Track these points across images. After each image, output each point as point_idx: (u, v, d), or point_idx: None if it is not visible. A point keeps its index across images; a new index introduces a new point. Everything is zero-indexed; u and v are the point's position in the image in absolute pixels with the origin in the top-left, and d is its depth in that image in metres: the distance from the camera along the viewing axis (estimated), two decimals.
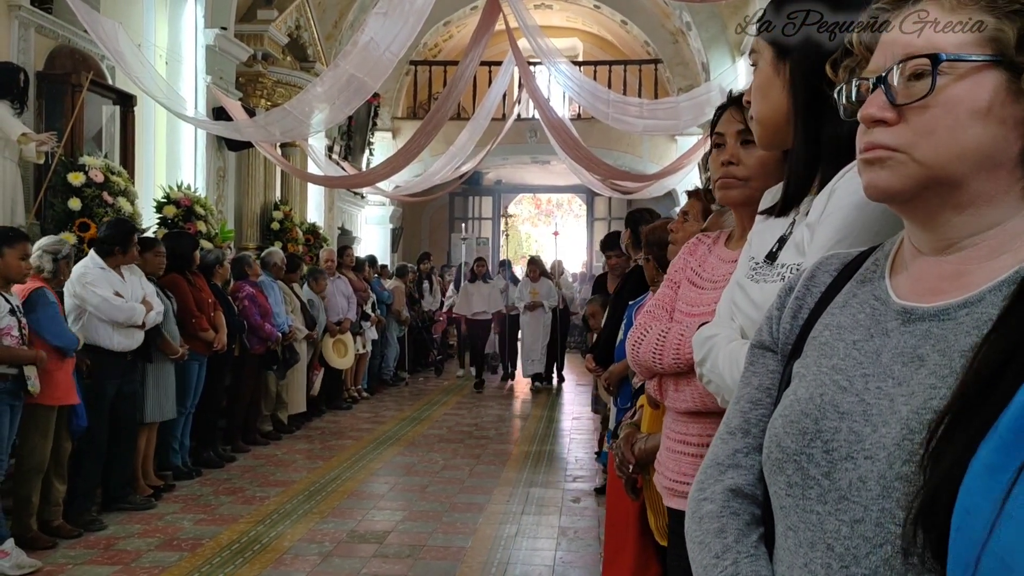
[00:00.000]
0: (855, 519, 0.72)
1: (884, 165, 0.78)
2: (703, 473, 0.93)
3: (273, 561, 4.02)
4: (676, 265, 1.79)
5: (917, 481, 0.67)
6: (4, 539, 3.81)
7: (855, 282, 0.88)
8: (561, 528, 4.67)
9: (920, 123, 0.76)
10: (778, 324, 0.93)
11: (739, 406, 0.93)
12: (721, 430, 0.94)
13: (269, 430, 6.94)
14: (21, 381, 3.88)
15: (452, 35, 14.72)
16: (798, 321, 0.90)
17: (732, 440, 0.91)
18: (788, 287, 0.95)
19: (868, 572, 0.71)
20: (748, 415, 0.91)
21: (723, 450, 0.92)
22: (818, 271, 0.92)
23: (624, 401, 3.39)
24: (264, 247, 7.95)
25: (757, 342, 0.95)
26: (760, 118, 1.26)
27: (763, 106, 1.24)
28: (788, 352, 0.90)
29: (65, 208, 5.37)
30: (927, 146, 0.76)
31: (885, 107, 0.78)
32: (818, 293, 0.90)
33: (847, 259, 0.92)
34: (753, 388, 0.92)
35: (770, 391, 0.90)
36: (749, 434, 0.90)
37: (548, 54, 7.55)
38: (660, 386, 1.69)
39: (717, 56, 11.26)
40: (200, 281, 5.75)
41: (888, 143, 0.77)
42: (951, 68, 0.75)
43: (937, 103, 0.75)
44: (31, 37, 5.62)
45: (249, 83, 8.58)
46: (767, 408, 0.89)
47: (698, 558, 0.87)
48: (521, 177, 17.03)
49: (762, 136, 1.28)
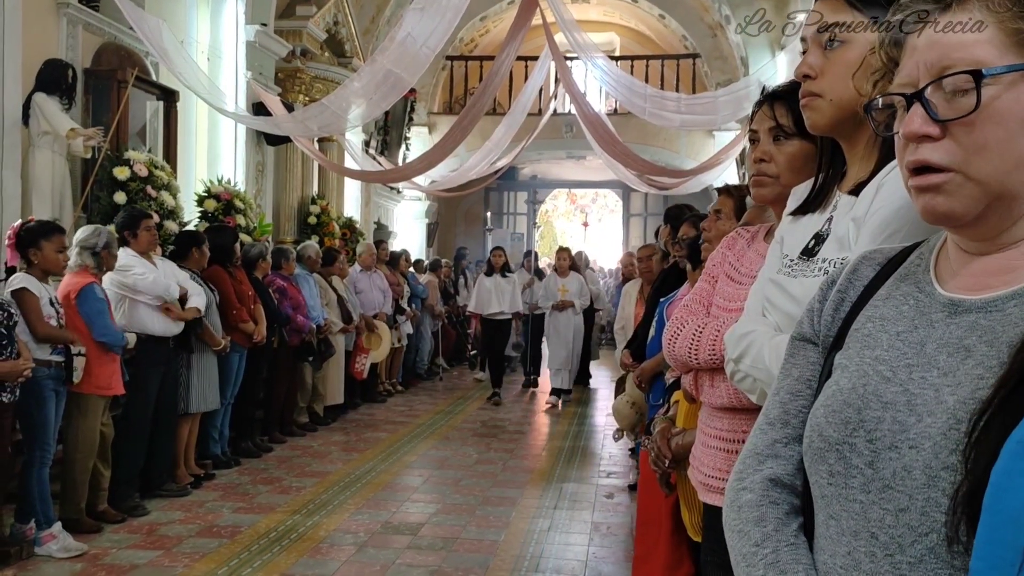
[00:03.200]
0: (900, 508, 0.72)
1: (940, 190, 0.76)
2: (742, 463, 0.93)
3: (309, 550, 4.08)
4: (714, 259, 1.79)
5: (963, 471, 0.67)
6: (52, 523, 3.92)
7: (898, 276, 0.87)
8: (594, 523, 4.68)
9: (970, 140, 0.74)
10: (819, 316, 0.93)
11: (779, 397, 0.93)
12: (760, 421, 0.94)
13: (305, 422, 7.04)
14: (65, 369, 4.00)
15: (488, 30, 14.73)
16: (840, 314, 0.90)
17: (771, 430, 0.91)
18: (830, 280, 0.94)
19: (913, 560, 0.71)
20: (787, 406, 0.91)
21: (762, 440, 0.92)
22: (861, 265, 0.92)
23: (656, 397, 3.38)
24: (301, 241, 8.06)
25: (798, 334, 0.95)
26: (842, 101, 1.21)
27: (852, 90, 1.18)
28: (829, 344, 0.90)
29: (111, 202, 5.49)
30: (981, 162, 0.74)
31: (928, 122, 0.75)
32: (860, 287, 0.90)
33: (891, 254, 0.91)
34: (793, 379, 0.92)
35: (810, 382, 0.91)
36: (788, 424, 0.90)
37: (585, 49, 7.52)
38: (696, 381, 1.69)
39: (756, 50, 11.12)
40: (240, 274, 5.85)
41: (938, 161, 0.75)
42: (995, 80, 0.73)
43: (986, 117, 0.73)
44: (79, 34, 5.75)
45: (288, 78, 8.69)
46: (807, 399, 0.89)
47: (737, 546, 0.87)
48: (556, 172, 16.99)
49: (833, 119, 1.23)
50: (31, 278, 3.94)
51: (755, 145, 1.59)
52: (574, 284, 8.83)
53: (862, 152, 1.28)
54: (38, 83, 5.17)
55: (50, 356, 3.92)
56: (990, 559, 0.60)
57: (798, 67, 1.25)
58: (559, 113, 12.19)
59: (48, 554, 3.86)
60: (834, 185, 1.33)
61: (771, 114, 1.56)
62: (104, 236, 4.40)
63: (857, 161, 1.29)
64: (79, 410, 4.18)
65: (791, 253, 1.33)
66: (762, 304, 1.38)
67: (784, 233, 1.39)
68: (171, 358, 4.93)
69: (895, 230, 1.04)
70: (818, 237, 1.30)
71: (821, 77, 1.22)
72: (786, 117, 1.54)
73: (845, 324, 0.88)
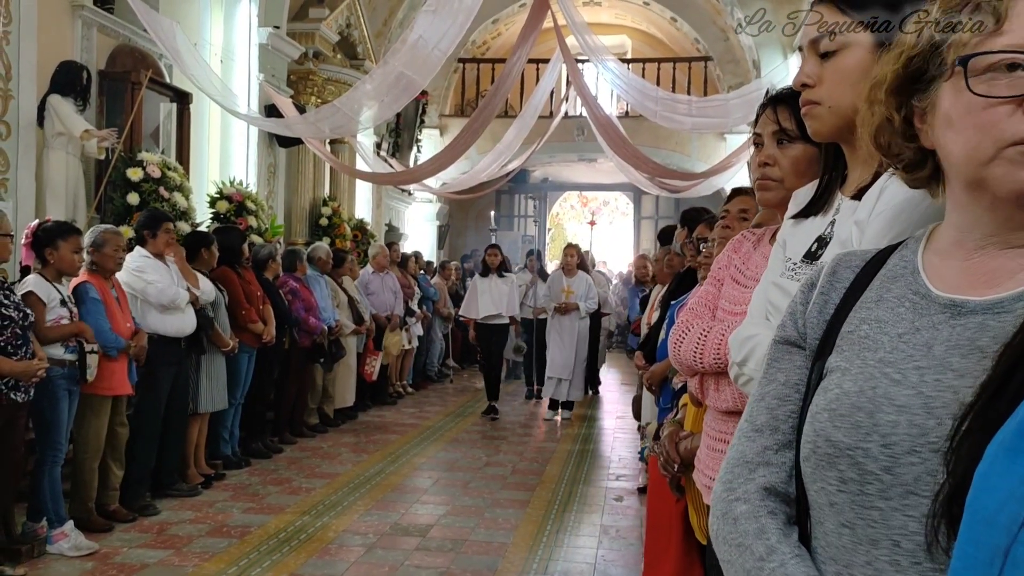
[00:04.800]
0: (925, 514, 0.71)
1: None
2: (730, 472, 0.90)
3: (318, 551, 4.09)
4: (720, 263, 1.78)
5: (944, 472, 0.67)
6: (64, 521, 3.95)
7: (885, 278, 0.86)
8: (603, 526, 4.67)
9: None
10: (803, 319, 0.90)
11: (764, 403, 0.90)
12: (744, 428, 0.91)
13: (315, 423, 7.06)
14: (79, 369, 4.02)
15: (500, 33, 14.76)
16: (824, 316, 0.88)
17: (760, 437, 0.88)
18: (810, 283, 0.93)
19: (942, 566, 0.69)
20: (776, 411, 0.88)
21: (751, 448, 0.89)
22: (839, 267, 0.91)
23: (666, 401, 3.37)
24: (312, 242, 8.09)
25: (781, 338, 0.92)
26: (841, 108, 1.21)
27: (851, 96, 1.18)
28: (816, 348, 0.88)
29: (124, 202, 5.54)
30: None
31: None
32: (842, 289, 0.88)
33: (868, 256, 0.90)
34: (779, 384, 0.89)
35: (798, 387, 0.88)
36: (778, 431, 0.87)
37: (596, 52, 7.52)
38: (701, 385, 1.69)
39: (768, 53, 11.08)
40: (249, 274, 5.87)
41: None
42: None
43: None
44: (94, 36, 5.80)
45: (300, 80, 8.73)
46: (795, 404, 0.87)
47: (738, 561, 0.84)
48: (568, 175, 16.99)
49: (834, 126, 1.23)
50: (40, 280, 3.95)
51: (759, 149, 1.59)
52: (581, 285, 7.96)
53: (864, 156, 1.27)
54: (53, 84, 5.22)
55: (63, 355, 3.95)
56: (968, 559, 0.59)
57: (796, 76, 1.24)
58: (570, 116, 12.19)
59: (60, 552, 3.88)
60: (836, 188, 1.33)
61: (774, 118, 1.56)
62: (94, 235, 4.34)
63: (859, 165, 1.29)
64: (87, 410, 4.21)
65: (794, 256, 1.33)
66: (765, 307, 1.37)
67: (786, 236, 1.38)
68: (182, 359, 4.96)
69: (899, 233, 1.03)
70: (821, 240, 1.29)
71: (819, 85, 1.22)
72: (789, 120, 1.54)
73: (831, 327, 0.87)
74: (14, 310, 3.58)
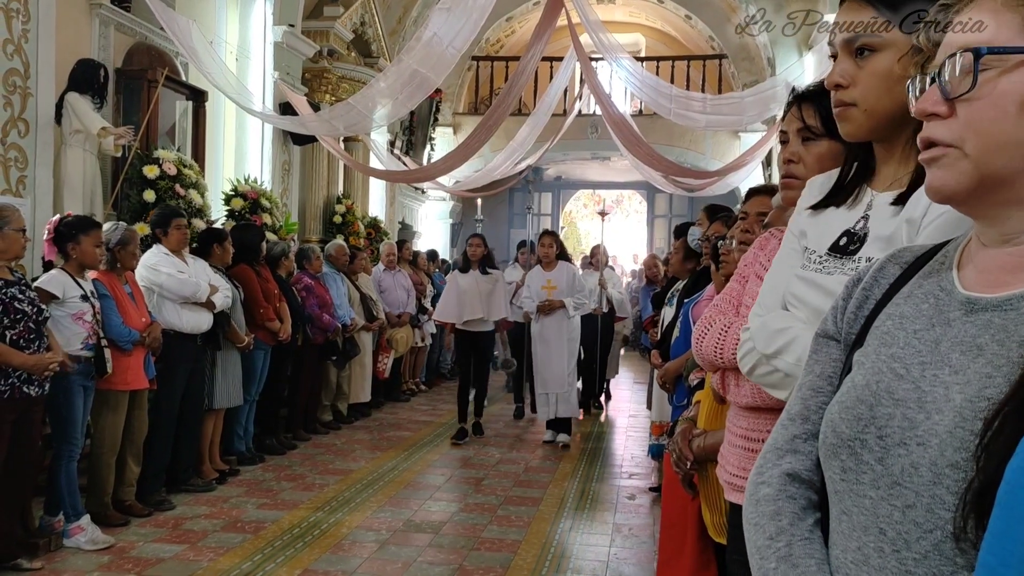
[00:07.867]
0: (907, 504, 0.73)
1: (939, 163, 0.78)
2: (762, 458, 0.94)
3: (332, 547, 4.11)
4: (746, 259, 1.78)
5: (968, 469, 0.67)
6: (80, 515, 3.99)
7: (922, 274, 0.88)
8: (615, 525, 4.66)
9: (967, 116, 0.76)
10: (843, 314, 0.93)
11: (800, 393, 0.94)
12: (782, 416, 0.95)
13: (329, 420, 7.09)
14: (96, 363, 4.05)
15: (514, 31, 14.74)
16: (863, 311, 0.91)
17: (791, 426, 0.93)
18: (856, 278, 0.95)
19: (919, 557, 0.71)
20: (808, 402, 0.92)
21: (782, 435, 0.93)
22: (888, 263, 0.92)
23: (679, 399, 3.37)
24: (327, 240, 8.11)
25: (821, 331, 0.96)
26: (877, 111, 1.20)
27: (886, 100, 1.18)
28: (851, 341, 0.91)
29: (140, 200, 5.57)
30: (974, 139, 0.76)
31: (938, 102, 0.78)
32: (886, 284, 0.90)
33: (919, 252, 0.91)
34: (815, 376, 0.93)
35: (831, 379, 0.91)
36: (808, 420, 0.91)
37: (610, 50, 7.50)
38: (723, 380, 1.68)
39: (783, 51, 11.02)
40: (266, 272, 5.90)
41: (941, 137, 0.78)
42: (998, 61, 0.74)
43: (982, 95, 0.75)
44: (111, 34, 5.84)
45: (314, 78, 8.76)
46: (827, 396, 0.90)
47: (753, 539, 0.89)
48: (581, 173, 16.96)
49: (868, 128, 1.22)
50: (60, 277, 3.98)
51: (785, 146, 1.59)
52: (563, 278, 6.61)
53: (899, 154, 1.26)
54: (71, 82, 5.26)
55: (79, 351, 3.98)
56: (1001, 554, 0.60)
57: (829, 76, 1.23)
58: (584, 114, 12.16)
59: (76, 546, 3.92)
60: (862, 182, 1.32)
61: (799, 115, 1.56)
62: (119, 233, 4.37)
63: (894, 162, 1.28)
64: (103, 405, 4.24)
65: (818, 249, 1.32)
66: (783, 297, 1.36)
67: (805, 227, 1.36)
68: (198, 355, 4.99)
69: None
70: (851, 235, 1.28)
71: (854, 86, 1.21)
72: (814, 118, 1.53)
73: (867, 322, 0.89)
74: (28, 305, 3.61)
